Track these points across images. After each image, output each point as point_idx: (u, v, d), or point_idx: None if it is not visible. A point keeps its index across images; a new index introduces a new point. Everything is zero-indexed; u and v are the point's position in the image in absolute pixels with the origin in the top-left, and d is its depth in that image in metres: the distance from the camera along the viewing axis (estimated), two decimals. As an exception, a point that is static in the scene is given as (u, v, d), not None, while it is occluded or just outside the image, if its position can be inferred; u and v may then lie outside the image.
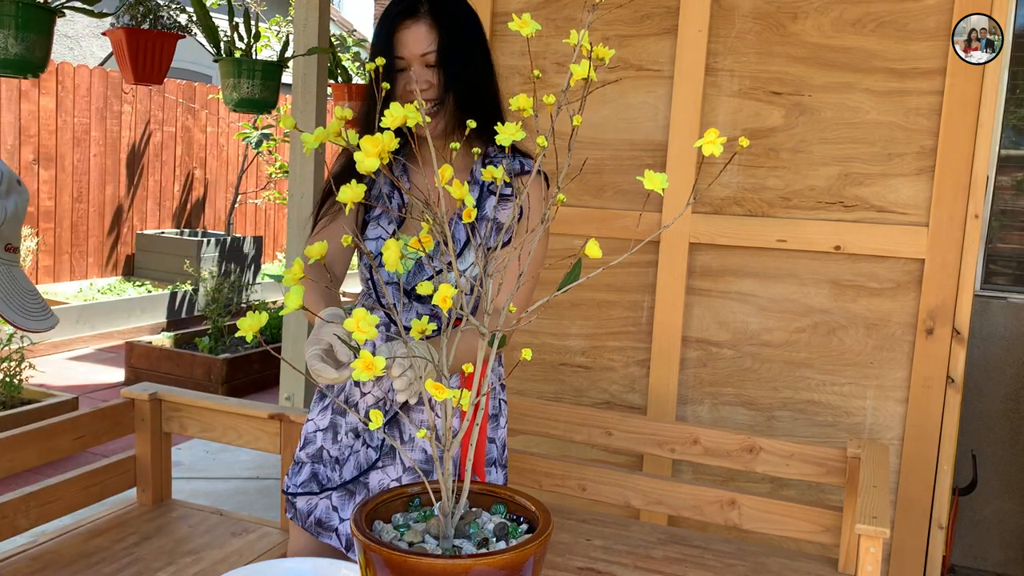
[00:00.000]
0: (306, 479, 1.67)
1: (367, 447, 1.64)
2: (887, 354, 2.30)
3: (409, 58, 1.45)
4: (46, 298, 6.56)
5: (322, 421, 1.67)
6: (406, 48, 1.45)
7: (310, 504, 1.66)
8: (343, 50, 5.45)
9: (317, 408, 1.69)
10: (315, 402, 1.70)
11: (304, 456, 1.67)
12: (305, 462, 1.67)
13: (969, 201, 2.18)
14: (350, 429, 1.64)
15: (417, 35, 1.44)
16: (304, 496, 1.66)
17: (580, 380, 2.62)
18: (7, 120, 6.65)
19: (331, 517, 1.65)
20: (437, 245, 1.25)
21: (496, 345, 1.10)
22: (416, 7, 1.45)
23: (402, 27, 1.44)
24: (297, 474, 1.68)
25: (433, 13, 1.45)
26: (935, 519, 2.25)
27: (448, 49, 1.45)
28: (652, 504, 2.11)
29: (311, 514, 1.66)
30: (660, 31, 2.46)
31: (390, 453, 1.62)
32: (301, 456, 1.68)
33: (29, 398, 4.33)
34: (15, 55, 2.18)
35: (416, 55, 1.45)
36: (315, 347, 1.24)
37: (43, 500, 2.03)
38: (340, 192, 0.99)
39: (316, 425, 1.68)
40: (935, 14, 2.20)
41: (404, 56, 1.45)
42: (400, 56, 1.45)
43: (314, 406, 1.70)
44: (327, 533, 1.66)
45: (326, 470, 1.66)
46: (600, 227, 2.50)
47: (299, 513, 1.67)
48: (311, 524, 1.66)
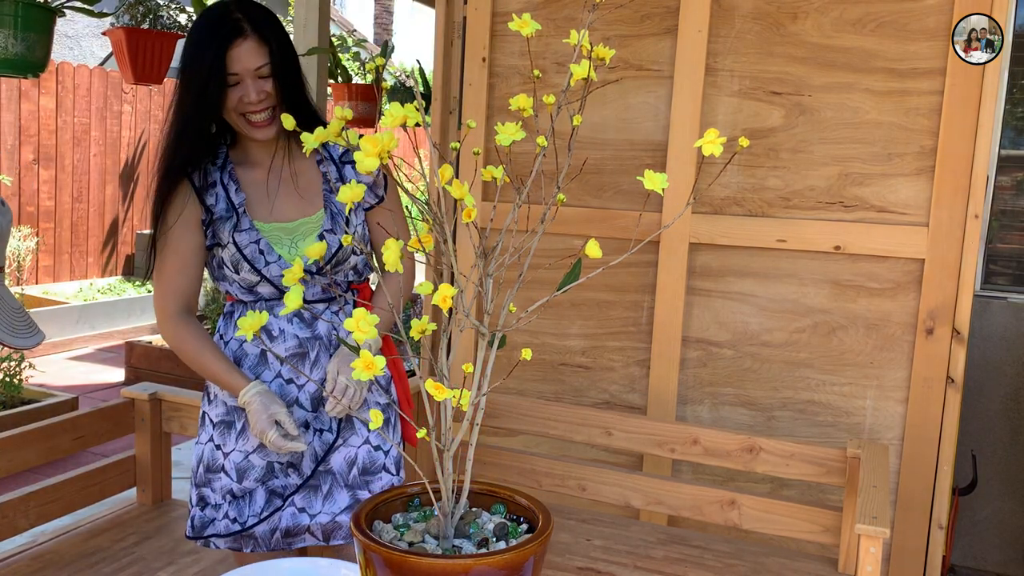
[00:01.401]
0: (264, 502, 1.66)
1: (319, 434, 1.68)
2: (887, 354, 2.30)
3: (243, 73, 1.56)
4: (46, 298, 6.56)
5: (254, 440, 1.66)
6: (240, 64, 1.56)
7: (272, 523, 1.66)
8: (343, 50, 5.45)
9: (232, 437, 1.67)
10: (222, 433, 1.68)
11: (252, 483, 1.66)
12: (254, 487, 1.66)
13: (969, 201, 2.18)
14: (300, 424, 1.67)
15: (249, 51, 1.56)
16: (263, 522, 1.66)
17: (580, 380, 2.62)
18: (7, 120, 6.65)
19: (300, 519, 1.67)
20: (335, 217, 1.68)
21: (496, 346, 1.10)
22: (241, 27, 1.56)
23: (233, 46, 1.55)
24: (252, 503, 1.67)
25: (258, 31, 1.57)
26: (935, 519, 2.25)
27: (279, 60, 1.60)
28: (652, 504, 2.11)
29: (276, 531, 1.67)
30: (660, 31, 2.46)
31: (347, 427, 1.70)
32: (247, 485, 1.67)
33: (29, 398, 4.33)
34: (15, 55, 2.18)
35: (251, 69, 1.57)
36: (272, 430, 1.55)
37: (43, 500, 2.03)
38: (340, 192, 0.99)
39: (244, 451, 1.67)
40: (935, 14, 2.20)
41: (238, 72, 1.56)
42: (233, 72, 1.56)
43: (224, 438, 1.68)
44: (298, 539, 1.68)
45: (280, 480, 1.67)
46: (600, 227, 2.50)
47: (261, 539, 1.67)
48: (277, 540, 1.67)
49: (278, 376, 1.66)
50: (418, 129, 1.00)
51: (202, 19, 1.60)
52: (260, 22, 1.58)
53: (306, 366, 1.66)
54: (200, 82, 1.55)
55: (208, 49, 1.55)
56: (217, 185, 1.65)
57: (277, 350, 1.66)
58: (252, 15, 1.58)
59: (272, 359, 1.66)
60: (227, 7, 1.59)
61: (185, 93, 1.59)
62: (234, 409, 1.67)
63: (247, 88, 1.57)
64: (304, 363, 1.66)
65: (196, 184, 1.64)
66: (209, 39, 1.55)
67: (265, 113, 1.60)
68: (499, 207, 2.54)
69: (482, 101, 2.64)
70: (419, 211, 1.06)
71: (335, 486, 1.69)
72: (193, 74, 1.57)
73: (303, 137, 1.05)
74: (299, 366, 1.66)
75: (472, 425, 1.10)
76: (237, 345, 1.68)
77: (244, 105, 1.58)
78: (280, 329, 1.66)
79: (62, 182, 7.12)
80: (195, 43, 1.58)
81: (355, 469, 1.70)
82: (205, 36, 1.56)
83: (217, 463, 1.68)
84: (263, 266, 1.63)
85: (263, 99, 1.58)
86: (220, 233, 1.64)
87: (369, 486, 1.71)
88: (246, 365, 1.67)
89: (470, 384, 1.07)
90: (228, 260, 1.64)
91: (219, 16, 1.57)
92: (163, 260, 1.64)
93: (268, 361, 1.67)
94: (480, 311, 2.18)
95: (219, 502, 1.67)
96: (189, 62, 1.58)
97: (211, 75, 1.55)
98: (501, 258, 1.11)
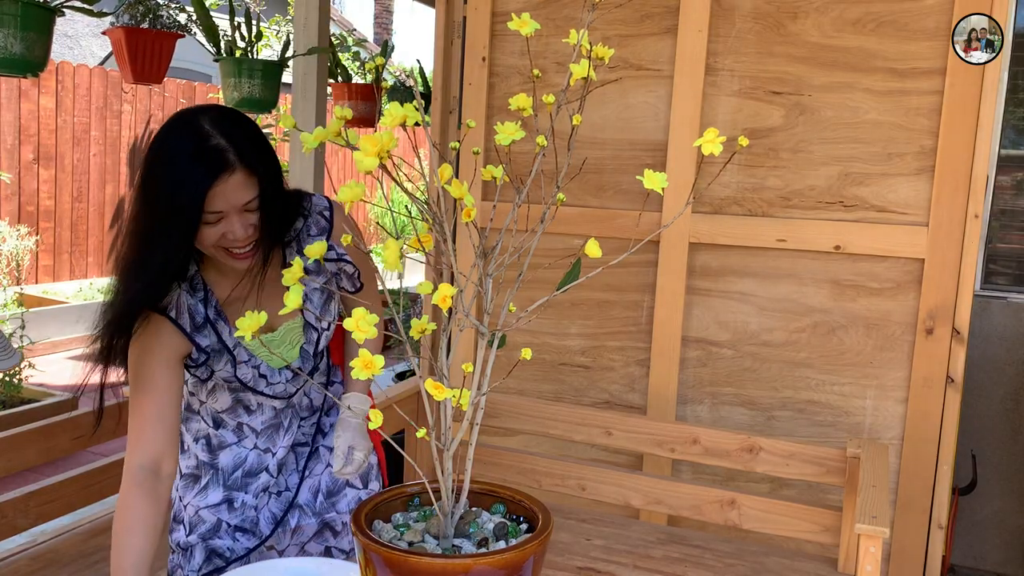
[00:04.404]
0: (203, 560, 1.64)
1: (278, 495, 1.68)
2: (887, 354, 2.30)
3: (228, 209, 1.34)
4: (46, 297, 6.56)
5: (212, 499, 1.64)
6: (225, 201, 1.33)
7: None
8: (343, 50, 5.44)
9: (194, 491, 1.65)
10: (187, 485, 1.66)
11: (195, 538, 1.63)
12: (195, 543, 1.64)
13: (969, 201, 2.18)
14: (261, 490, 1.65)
15: (236, 186, 1.33)
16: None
17: (580, 380, 2.62)
18: (7, 119, 6.65)
19: (268, 555, 1.67)
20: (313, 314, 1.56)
21: (496, 345, 1.10)
22: (226, 160, 1.31)
23: (217, 183, 1.31)
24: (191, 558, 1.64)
25: (244, 161, 1.33)
26: (935, 519, 2.25)
27: (268, 189, 1.38)
28: (652, 504, 2.10)
29: None
30: (660, 31, 2.46)
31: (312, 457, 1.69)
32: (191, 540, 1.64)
33: (29, 397, 4.33)
34: (15, 54, 2.17)
35: (238, 206, 1.35)
36: None
37: (42, 500, 2.02)
38: (341, 192, 0.99)
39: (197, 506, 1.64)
40: (935, 14, 2.20)
41: (222, 209, 1.34)
42: (216, 211, 1.33)
43: (186, 490, 1.66)
44: None
45: (225, 542, 1.65)
46: (600, 227, 2.50)
47: None
48: None
49: (255, 448, 1.64)
50: (418, 129, 1.00)
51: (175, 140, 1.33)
52: (244, 146, 1.34)
53: (279, 433, 1.65)
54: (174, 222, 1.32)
55: (186, 185, 1.30)
56: (207, 325, 1.49)
57: (254, 423, 1.63)
58: (235, 138, 1.33)
59: (247, 431, 1.64)
60: (205, 131, 1.32)
61: (153, 226, 1.34)
62: (203, 464, 1.64)
63: (232, 224, 1.36)
64: (279, 431, 1.65)
65: (187, 329, 1.46)
66: (187, 171, 1.30)
67: (251, 245, 1.41)
68: (499, 207, 2.54)
69: (482, 101, 2.64)
70: (419, 211, 1.06)
71: (303, 517, 1.69)
72: (166, 210, 1.32)
73: (303, 137, 1.05)
74: (274, 435, 1.64)
75: (472, 425, 1.10)
76: (213, 414, 1.64)
77: (228, 241, 1.38)
78: (258, 403, 1.62)
79: (62, 181, 7.12)
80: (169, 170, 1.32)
81: (320, 496, 1.71)
82: (182, 165, 1.31)
83: (179, 514, 1.66)
84: (264, 387, 1.58)
85: (251, 234, 1.38)
86: (215, 365, 1.52)
87: (335, 507, 1.72)
88: (227, 429, 1.64)
89: (470, 384, 1.07)
90: (221, 379, 1.55)
91: (198, 144, 1.31)
92: (140, 405, 1.46)
93: (244, 432, 1.64)
94: (480, 311, 2.18)
95: (173, 550, 1.66)
96: (161, 195, 1.32)
97: (189, 217, 1.32)
98: (501, 258, 1.11)
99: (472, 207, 1.03)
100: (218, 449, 1.64)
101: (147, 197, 1.35)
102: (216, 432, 1.64)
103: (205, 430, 1.65)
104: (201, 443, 1.65)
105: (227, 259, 1.42)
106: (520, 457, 2.23)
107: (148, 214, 1.35)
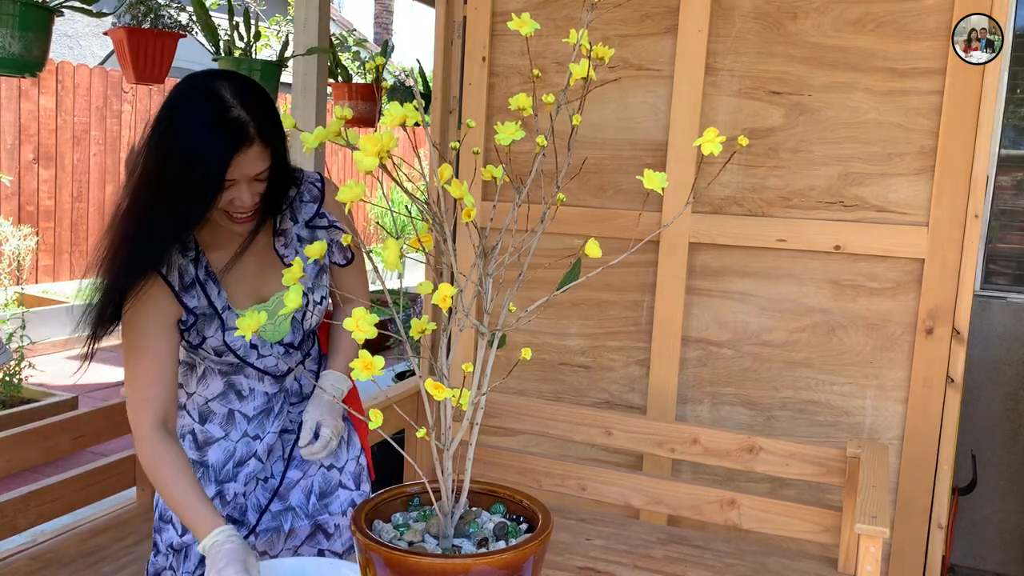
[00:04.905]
0: (199, 559, 1.61)
1: (264, 482, 1.68)
2: (887, 354, 2.30)
3: (240, 179, 1.40)
4: (46, 297, 6.56)
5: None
6: (240, 172, 1.38)
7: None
8: (343, 50, 5.44)
9: None
10: None
11: (191, 538, 1.60)
12: (191, 543, 1.61)
13: (969, 201, 2.18)
14: (250, 478, 1.65)
15: (253, 158, 1.38)
16: None
17: (580, 380, 2.62)
18: (7, 119, 6.65)
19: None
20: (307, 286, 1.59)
21: (496, 345, 1.10)
22: (246, 133, 1.36)
23: (237, 154, 1.35)
24: (186, 559, 1.62)
25: (262, 134, 1.38)
26: (935, 519, 2.25)
27: (279, 160, 1.44)
28: (652, 504, 2.10)
29: None
30: (660, 31, 2.46)
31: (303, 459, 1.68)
32: (186, 540, 1.61)
33: (29, 397, 4.33)
34: (13, 54, 2.17)
35: (250, 176, 1.40)
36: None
37: (42, 500, 2.02)
38: (341, 192, 0.99)
39: None
40: (935, 14, 2.20)
41: (236, 178, 1.39)
42: (231, 179, 1.38)
43: None
44: None
45: None
46: (600, 227, 2.50)
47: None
48: None
49: (244, 435, 1.64)
50: (418, 129, 1.00)
51: (194, 107, 1.36)
52: (262, 119, 1.38)
53: (269, 419, 1.65)
54: (192, 191, 1.36)
55: (206, 156, 1.34)
56: (196, 285, 1.50)
57: (246, 409, 1.63)
58: (255, 111, 1.38)
59: (239, 417, 1.63)
60: (225, 101, 1.36)
61: (167, 193, 1.37)
62: (193, 463, 1.62)
63: (241, 191, 1.41)
64: (269, 418, 1.65)
65: (175, 287, 1.48)
66: (207, 141, 1.34)
67: (251, 212, 1.46)
68: (499, 207, 2.54)
69: (482, 101, 2.64)
70: (419, 211, 1.06)
71: (296, 520, 1.69)
72: (182, 178, 1.35)
73: (303, 137, 1.05)
74: (264, 422, 1.64)
75: (472, 425, 1.10)
76: (203, 402, 1.63)
77: (235, 207, 1.43)
78: (250, 388, 1.63)
79: (62, 181, 7.12)
80: (187, 138, 1.35)
81: (313, 497, 1.70)
82: (201, 134, 1.34)
83: (167, 513, 1.63)
84: (255, 359, 1.58)
85: (257, 202, 1.44)
86: (205, 330, 1.52)
87: (328, 508, 1.71)
88: (214, 422, 1.63)
89: (470, 384, 1.07)
90: (211, 348, 1.54)
91: (218, 115, 1.34)
92: (137, 368, 1.48)
93: (235, 420, 1.63)
94: (480, 311, 2.18)
95: (165, 551, 1.63)
96: (178, 162, 1.35)
97: (209, 185, 1.36)
98: (501, 258, 1.11)
99: (472, 207, 1.03)
100: (205, 446, 1.64)
101: (161, 162, 1.37)
102: (202, 428, 1.63)
103: (191, 425, 1.64)
104: (188, 440, 1.64)
105: (228, 223, 1.46)
106: (520, 457, 2.23)
107: (161, 180, 1.37)
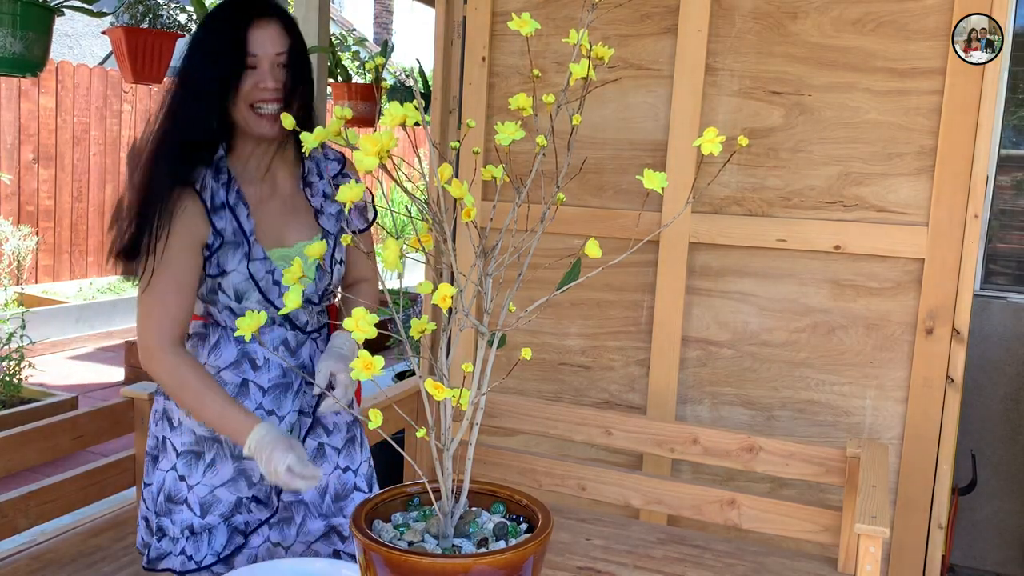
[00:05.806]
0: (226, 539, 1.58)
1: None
2: (887, 354, 2.30)
3: (262, 57, 1.47)
4: (46, 297, 6.56)
5: (224, 474, 1.58)
6: (261, 47, 1.47)
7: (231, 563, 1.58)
8: (343, 49, 5.44)
9: (199, 469, 1.58)
10: (188, 464, 1.58)
11: (215, 519, 1.57)
12: (216, 524, 1.57)
13: (969, 201, 2.18)
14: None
15: (272, 34, 1.47)
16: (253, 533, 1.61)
17: (580, 380, 2.62)
18: (7, 119, 6.65)
19: (275, 553, 1.63)
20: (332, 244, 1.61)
21: (496, 345, 1.10)
22: (267, 7, 1.48)
23: (256, 25, 1.46)
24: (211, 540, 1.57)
25: (280, 16, 1.50)
26: (935, 519, 2.25)
27: (297, 50, 1.52)
28: (652, 504, 2.11)
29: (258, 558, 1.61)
30: (660, 31, 2.46)
31: (318, 456, 1.66)
32: (210, 520, 1.57)
33: (29, 397, 4.33)
34: (14, 54, 2.18)
35: (271, 54, 1.48)
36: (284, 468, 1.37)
37: (42, 499, 2.02)
38: (341, 192, 0.99)
39: (211, 485, 1.58)
40: (935, 14, 2.20)
41: (257, 54, 1.47)
42: (253, 54, 1.46)
43: (189, 469, 1.58)
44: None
45: (244, 516, 1.60)
46: (600, 227, 2.50)
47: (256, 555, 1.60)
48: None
49: (259, 407, 1.57)
50: (418, 128, 1.00)
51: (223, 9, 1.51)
52: (284, 9, 1.53)
53: (288, 395, 1.59)
54: (218, 59, 1.45)
55: (229, 24, 1.46)
56: (225, 208, 1.52)
57: (261, 380, 1.57)
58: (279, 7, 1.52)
59: (254, 389, 1.57)
60: None
61: (197, 73, 1.48)
62: (203, 439, 1.57)
63: (264, 74, 1.47)
64: (287, 393, 1.59)
65: (207, 204, 1.50)
66: (231, 15, 1.47)
67: (276, 105, 1.49)
68: (499, 207, 2.54)
69: (482, 100, 2.64)
70: (419, 211, 1.06)
71: (308, 516, 1.64)
72: (209, 51, 1.47)
73: (303, 136, 1.05)
74: (281, 396, 1.58)
75: (472, 425, 1.10)
76: (214, 372, 1.56)
77: (259, 92, 1.48)
78: (265, 358, 1.57)
79: (62, 181, 7.12)
80: (213, 19, 1.49)
81: (328, 497, 1.66)
82: (227, 13, 1.48)
83: (180, 495, 1.57)
84: (276, 297, 1.53)
85: (280, 88, 1.49)
86: (227, 261, 1.51)
87: (343, 511, 1.67)
88: None
89: (470, 384, 1.07)
90: (232, 288, 1.52)
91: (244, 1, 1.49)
92: (158, 281, 1.49)
93: (249, 391, 1.57)
94: (480, 311, 2.18)
95: (176, 536, 1.57)
96: (206, 38, 1.48)
97: (232, 52, 1.45)
98: (501, 258, 1.11)
99: (472, 207, 1.03)
100: None
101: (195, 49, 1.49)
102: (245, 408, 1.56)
103: None
104: None
105: (255, 122, 1.49)
106: (520, 457, 2.23)
107: (195, 66, 1.48)
